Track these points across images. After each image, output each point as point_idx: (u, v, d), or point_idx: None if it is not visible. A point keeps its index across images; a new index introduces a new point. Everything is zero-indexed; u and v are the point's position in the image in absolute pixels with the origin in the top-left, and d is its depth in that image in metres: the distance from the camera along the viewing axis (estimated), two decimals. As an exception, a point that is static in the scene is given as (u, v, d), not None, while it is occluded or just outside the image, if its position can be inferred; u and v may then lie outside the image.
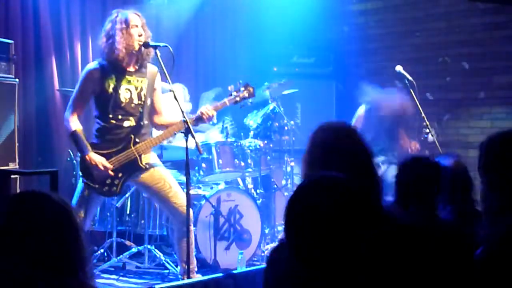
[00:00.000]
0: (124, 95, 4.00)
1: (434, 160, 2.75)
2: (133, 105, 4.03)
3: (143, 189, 4.26)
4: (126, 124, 4.02)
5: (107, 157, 3.99)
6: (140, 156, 4.03)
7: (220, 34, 6.87)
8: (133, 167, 4.04)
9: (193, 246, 4.25)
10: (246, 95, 4.28)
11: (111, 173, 3.97)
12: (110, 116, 4.01)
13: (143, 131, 4.08)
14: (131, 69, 4.04)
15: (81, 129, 3.99)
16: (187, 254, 3.89)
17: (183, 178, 4.47)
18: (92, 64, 4.08)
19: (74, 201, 4.05)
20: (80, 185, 4.08)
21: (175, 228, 4.21)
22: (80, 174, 4.04)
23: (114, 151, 4.00)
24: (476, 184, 2.98)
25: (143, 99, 4.06)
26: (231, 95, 4.25)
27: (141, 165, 4.04)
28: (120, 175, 4.02)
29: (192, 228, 4.21)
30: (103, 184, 4.00)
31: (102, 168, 3.93)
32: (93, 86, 4.00)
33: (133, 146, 4.01)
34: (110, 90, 3.98)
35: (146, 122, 4.10)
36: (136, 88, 4.04)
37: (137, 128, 4.04)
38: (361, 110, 5.39)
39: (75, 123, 3.98)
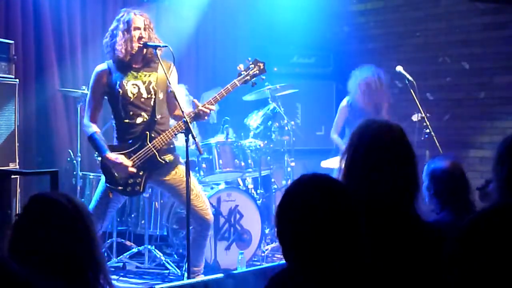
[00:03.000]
0: (131, 90, 4.01)
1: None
2: (142, 99, 4.03)
3: (167, 190, 4.24)
4: (138, 120, 4.02)
5: (127, 157, 4.00)
6: (158, 151, 4.02)
7: (220, 34, 6.87)
8: (153, 164, 4.03)
9: (205, 249, 4.26)
10: (257, 72, 4.19)
11: (132, 169, 3.96)
12: (122, 114, 4.02)
13: (158, 126, 4.06)
14: (137, 65, 4.05)
15: (98, 131, 4.04)
16: (187, 254, 3.88)
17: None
18: (101, 66, 4.11)
19: (94, 202, 4.07)
20: (101, 186, 4.07)
21: (193, 230, 4.14)
22: (103, 178, 4.05)
23: (132, 150, 4.01)
24: (474, 185, 2.99)
25: (152, 92, 4.05)
26: (240, 74, 4.16)
27: (160, 160, 4.03)
28: (141, 173, 4.02)
29: (210, 232, 4.24)
30: (126, 184, 4.00)
31: (122, 166, 3.93)
32: (103, 87, 4.05)
33: (149, 142, 4.01)
34: (117, 87, 4.00)
35: (160, 116, 4.06)
36: (144, 83, 4.04)
37: (150, 123, 4.03)
38: (344, 103, 5.56)
39: (91, 127, 4.02)
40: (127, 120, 4.03)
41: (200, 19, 6.51)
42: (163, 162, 4.05)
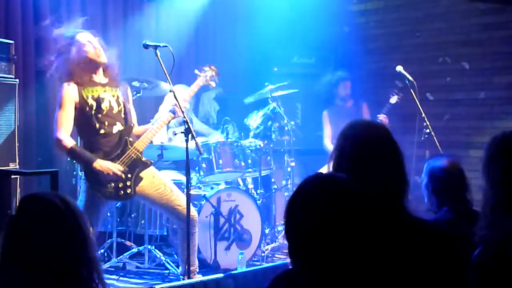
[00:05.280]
0: (104, 104, 3.99)
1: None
2: (114, 111, 4.04)
3: (144, 198, 4.20)
4: (115, 130, 4.01)
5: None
6: (141, 153, 4.05)
7: (220, 35, 6.87)
8: (139, 164, 4.05)
9: (196, 247, 4.28)
10: (214, 74, 4.47)
11: (120, 173, 3.94)
12: (97, 126, 3.96)
13: (133, 132, 4.11)
14: (102, 81, 4.05)
15: (76, 143, 3.98)
16: (187, 254, 3.90)
17: (182, 178, 4.50)
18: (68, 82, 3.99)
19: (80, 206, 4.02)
20: (85, 196, 3.98)
21: (180, 230, 4.22)
22: (89, 185, 3.96)
23: (114, 156, 3.99)
24: (474, 184, 2.99)
25: (122, 105, 4.08)
26: (200, 76, 4.42)
27: (145, 161, 4.07)
28: (129, 175, 4.02)
29: (196, 230, 4.25)
30: (117, 188, 3.98)
31: (111, 173, 3.90)
32: (74, 99, 3.93)
33: (131, 146, 4.03)
34: (89, 100, 3.95)
35: (133, 124, 4.14)
36: (113, 96, 4.06)
37: (126, 129, 4.06)
38: (324, 111, 6.14)
39: (68, 140, 3.88)
40: (102, 131, 3.96)
41: (200, 19, 6.51)
42: (149, 163, 4.09)
